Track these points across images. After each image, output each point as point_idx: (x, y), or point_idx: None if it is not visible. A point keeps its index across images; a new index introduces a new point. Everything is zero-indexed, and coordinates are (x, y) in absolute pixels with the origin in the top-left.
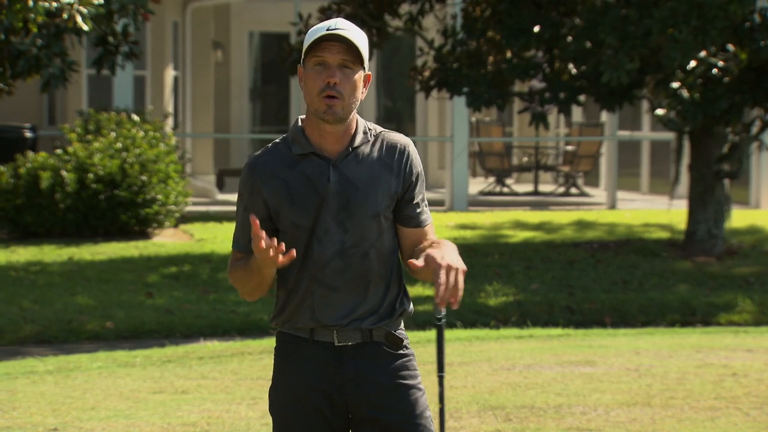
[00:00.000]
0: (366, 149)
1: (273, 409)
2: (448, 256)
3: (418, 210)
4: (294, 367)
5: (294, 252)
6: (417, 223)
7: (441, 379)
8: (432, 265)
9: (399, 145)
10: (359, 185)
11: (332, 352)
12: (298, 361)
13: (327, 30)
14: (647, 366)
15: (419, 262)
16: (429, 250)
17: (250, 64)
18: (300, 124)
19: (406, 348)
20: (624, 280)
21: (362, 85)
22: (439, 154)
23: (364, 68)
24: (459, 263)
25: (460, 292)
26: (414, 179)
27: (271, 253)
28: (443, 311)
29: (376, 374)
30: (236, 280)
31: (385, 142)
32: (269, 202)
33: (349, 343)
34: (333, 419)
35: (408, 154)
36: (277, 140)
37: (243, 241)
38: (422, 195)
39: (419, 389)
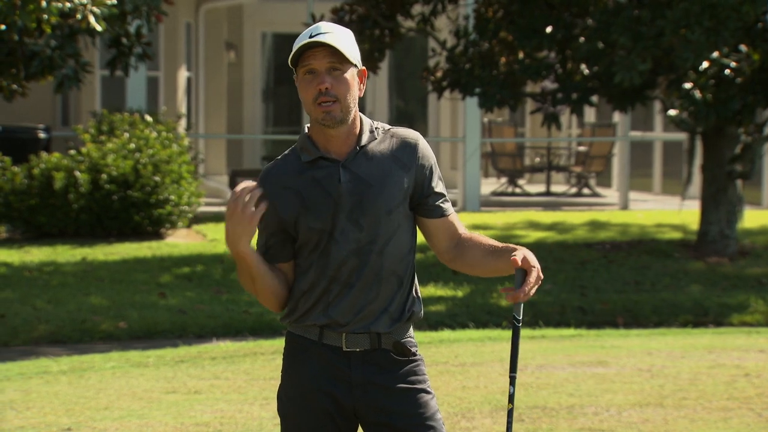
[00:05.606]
0: (375, 147)
1: (281, 410)
2: (537, 263)
3: (440, 200)
4: (302, 368)
5: (263, 206)
6: (441, 212)
7: (513, 379)
8: (525, 265)
9: (409, 140)
10: (372, 182)
11: (340, 356)
12: (306, 363)
13: (309, 38)
14: (660, 366)
15: (518, 259)
16: (522, 250)
17: (262, 64)
18: (307, 132)
19: (415, 354)
20: (636, 280)
21: (357, 81)
22: (452, 154)
23: (355, 65)
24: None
25: (529, 296)
26: (427, 171)
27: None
28: (521, 312)
29: (384, 380)
30: (243, 284)
31: (395, 139)
32: (284, 215)
33: (357, 349)
34: (341, 422)
35: (418, 147)
36: (287, 151)
37: (260, 249)
38: (441, 186)
39: (428, 392)
